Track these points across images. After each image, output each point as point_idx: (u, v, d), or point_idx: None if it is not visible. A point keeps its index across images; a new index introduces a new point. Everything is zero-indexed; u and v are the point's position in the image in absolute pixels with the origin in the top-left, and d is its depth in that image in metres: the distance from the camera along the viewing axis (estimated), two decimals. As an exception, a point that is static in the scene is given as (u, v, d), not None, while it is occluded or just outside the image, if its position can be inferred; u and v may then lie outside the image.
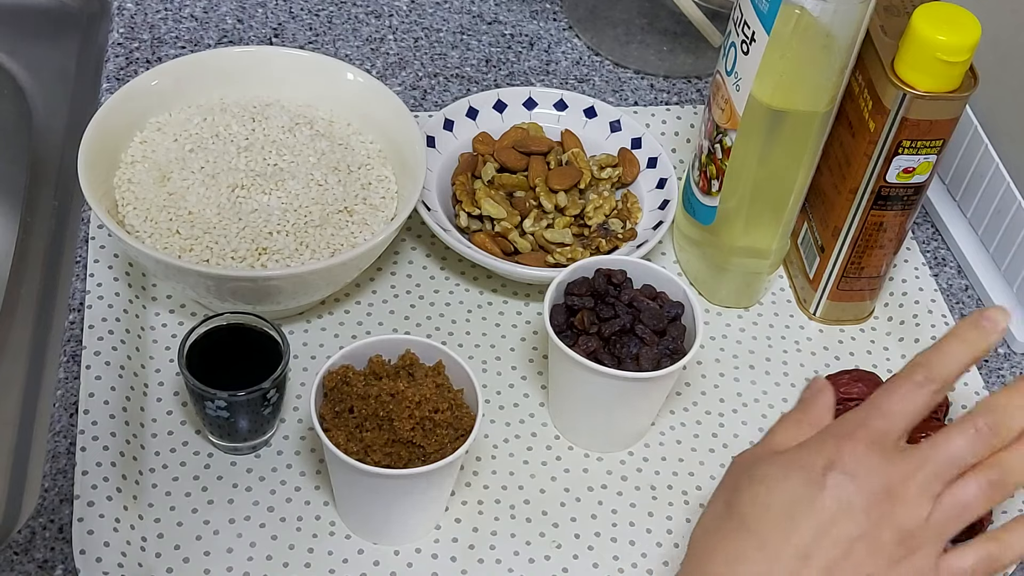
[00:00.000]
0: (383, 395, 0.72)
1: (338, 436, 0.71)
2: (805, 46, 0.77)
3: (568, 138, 0.96)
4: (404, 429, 0.71)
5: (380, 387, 0.72)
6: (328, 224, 0.84)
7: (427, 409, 0.72)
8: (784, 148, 0.82)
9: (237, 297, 0.81)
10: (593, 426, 0.81)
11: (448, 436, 0.72)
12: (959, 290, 0.96)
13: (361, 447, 0.71)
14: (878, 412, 0.62)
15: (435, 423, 0.72)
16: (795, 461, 0.62)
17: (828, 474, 0.61)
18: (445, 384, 0.74)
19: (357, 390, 0.73)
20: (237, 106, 0.90)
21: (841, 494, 0.60)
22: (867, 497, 0.60)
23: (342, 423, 0.72)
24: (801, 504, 0.60)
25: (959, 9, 0.77)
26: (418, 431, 0.71)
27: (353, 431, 0.72)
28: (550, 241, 0.89)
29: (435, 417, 0.72)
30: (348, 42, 1.06)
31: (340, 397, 0.73)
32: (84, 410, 0.79)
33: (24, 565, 0.73)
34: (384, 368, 0.75)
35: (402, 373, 0.74)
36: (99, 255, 0.87)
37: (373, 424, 0.72)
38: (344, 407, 0.72)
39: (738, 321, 0.92)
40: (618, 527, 0.79)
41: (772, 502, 0.61)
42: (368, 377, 0.74)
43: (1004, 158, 0.94)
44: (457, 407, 0.73)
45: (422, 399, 0.72)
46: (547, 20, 1.11)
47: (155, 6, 1.07)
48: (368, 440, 0.71)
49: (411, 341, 0.76)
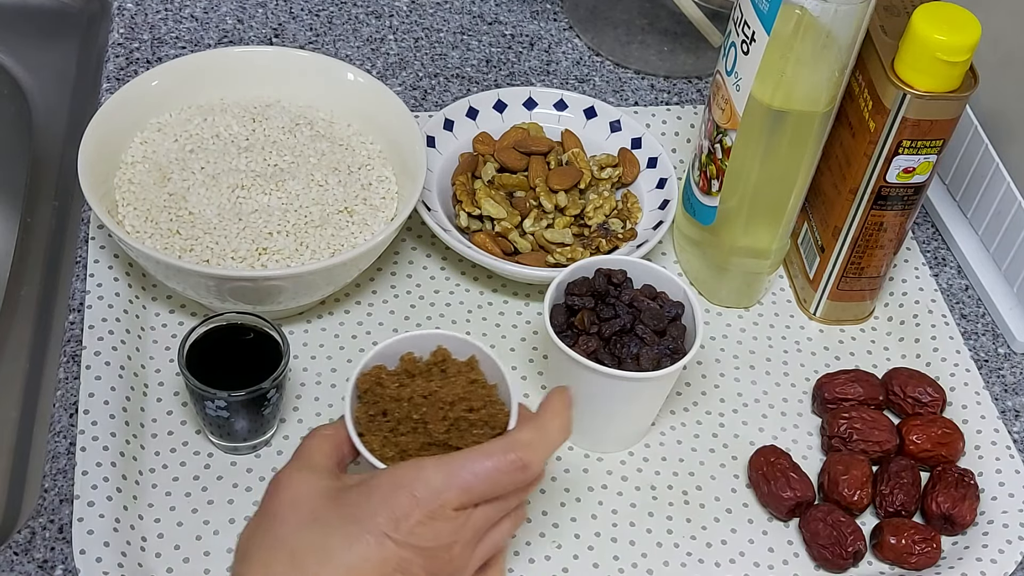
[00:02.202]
0: (416, 397, 0.70)
1: (373, 441, 0.69)
2: (805, 46, 0.77)
3: (568, 138, 0.96)
4: (439, 431, 0.68)
5: (413, 388, 0.70)
6: (328, 224, 0.84)
7: (461, 409, 0.69)
8: (784, 148, 0.82)
9: (237, 297, 0.81)
10: (593, 426, 0.81)
11: (484, 435, 0.69)
12: (959, 290, 0.96)
13: (397, 451, 0.69)
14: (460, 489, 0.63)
15: (470, 423, 0.69)
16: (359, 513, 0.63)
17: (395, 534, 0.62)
18: (479, 380, 0.72)
19: (390, 392, 0.70)
20: (237, 106, 0.90)
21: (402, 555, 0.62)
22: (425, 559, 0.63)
23: (376, 427, 0.69)
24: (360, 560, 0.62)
25: (959, 9, 0.77)
26: (453, 432, 0.69)
27: (388, 435, 0.69)
28: (550, 241, 0.89)
29: (469, 416, 0.69)
30: (348, 42, 1.06)
31: (374, 400, 0.70)
32: (84, 410, 0.79)
33: (24, 565, 0.73)
34: (416, 366, 0.72)
35: (434, 370, 0.72)
36: (99, 255, 0.87)
37: (407, 427, 0.69)
38: (378, 410, 0.70)
39: (738, 321, 0.92)
40: (618, 527, 0.79)
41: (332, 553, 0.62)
42: (401, 376, 0.71)
43: (1004, 158, 0.94)
44: (491, 404, 0.70)
45: (455, 399, 0.69)
46: (547, 20, 1.11)
47: (155, 6, 1.07)
48: (403, 444, 0.69)
49: (443, 336, 0.73)
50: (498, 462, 0.64)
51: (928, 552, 0.78)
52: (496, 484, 0.64)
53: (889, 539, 0.78)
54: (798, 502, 0.79)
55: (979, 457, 0.84)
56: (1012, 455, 0.84)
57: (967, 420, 0.86)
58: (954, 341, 0.91)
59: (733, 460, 0.84)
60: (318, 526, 0.63)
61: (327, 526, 0.63)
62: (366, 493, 0.63)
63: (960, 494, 0.80)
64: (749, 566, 0.79)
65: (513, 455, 0.64)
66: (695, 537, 0.80)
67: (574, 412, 0.81)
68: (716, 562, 0.79)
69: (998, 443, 0.85)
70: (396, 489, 0.63)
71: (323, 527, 0.63)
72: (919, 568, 0.79)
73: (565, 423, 0.68)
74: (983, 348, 0.92)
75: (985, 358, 0.91)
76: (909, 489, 0.81)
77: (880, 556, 0.79)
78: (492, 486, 0.64)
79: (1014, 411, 0.88)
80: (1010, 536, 0.80)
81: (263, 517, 0.65)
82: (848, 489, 0.80)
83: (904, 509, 0.80)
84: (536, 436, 0.66)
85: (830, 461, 0.82)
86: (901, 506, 0.80)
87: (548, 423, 0.67)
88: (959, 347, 0.90)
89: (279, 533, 0.63)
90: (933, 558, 0.78)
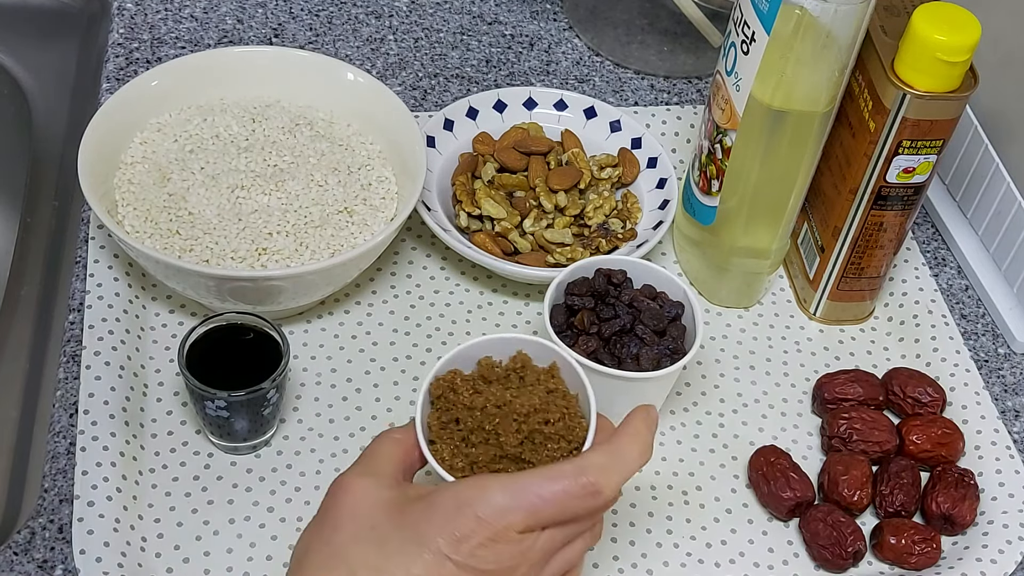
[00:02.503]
0: (489, 406, 0.66)
1: (443, 450, 0.66)
2: (805, 46, 0.77)
3: (568, 138, 0.96)
4: (511, 444, 0.65)
5: (487, 396, 0.67)
6: (328, 225, 0.84)
7: (536, 421, 0.66)
8: (784, 148, 0.82)
9: (237, 297, 0.81)
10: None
11: (561, 450, 0.66)
12: (959, 290, 0.96)
13: (467, 462, 0.66)
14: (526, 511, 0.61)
15: (545, 436, 0.66)
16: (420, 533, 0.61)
17: (455, 555, 0.60)
18: (559, 389, 0.68)
19: (464, 399, 0.67)
20: (237, 106, 0.90)
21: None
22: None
23: (448, 435, 0.67)
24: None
25: (959, 9, 0.77)
26: (527, 445, 0.66)
27: (459, 444, 0.66)
28: (550, 241, 0.89)
29: (545, 429, 0.66)
30: (348, 42, 1.06)
31: (446, 406, 0.67)
32: (84, 410, 0.79)
33: (24, 565, 0.73)
34: (494, 371, 0.69)
35: (512, 376, 0.69)
36: (99, 255, 0.87)
37: (479, 438, 0.66)
38: (450, 418, 0.67)
39: (738, 321, 0.92)
40: (618, 527, 0.79)
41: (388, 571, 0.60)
42: (477, 382, 0.68)
43: (1004, 158, 0.94)
44: (570, 416, 0.67)
45: (531, 410, 0.66)
46: (547, 20, 1.11)
47: (155, 6, 1.07)
48: (474, 456, 0.66)
49: (524, 340, 0.70)
50: (568, 486, 0.61)
51: (928, 552, 0.78)
52: (565, 508, 0.61)
53: (889, 539, 0.78)
54: (798, 502, 0.79)
55: (979, 457, 0.84)
56: (1012, 455, 0.84)
57: (967, 420, 0.86)
58: (954, 341, 0.91)
59: (733, 460, 0.84)
60: (377, 541, 0.61)
61: (387, 543, 0.61)
62: (428, 510, 0.61)
63: (960, 494, 0.80)
64: (749, 566, 0.79)
65: (585, 479, 0.61)
66: (695, 537, 0.80)
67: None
68: (716, 562, 0.79)
69: (998, 443, 0.85)
70: (459, 508, 0.60)
71: (382, 543, 0.61)
72: (919, 568, 0.79)
73: (645, 446, 0.64)
74: (983, 348, 0.92)
75: (985, 358, 0.91)
76: (909, 489, 0.81)
77: (880, 556, 0.79)
78: (561, 510, 0.61)
79: (1014, 411, 0.88)
80: (1010, 536, 0.80)
81: (322, 524, 0.63)
82: (848, 489, 0.80)
83: (904, 509, 0.80)
84: (611, 461, 0.63)
85: (830, 461, 0.82)
86: (901, 506, 0.80)
87: (626, 447, 0.63)
88: (959, 347, 0.90)
89: (336, 544, 0.61)
90: (933, 558, 0.78)
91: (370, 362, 0.86)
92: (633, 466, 0.64)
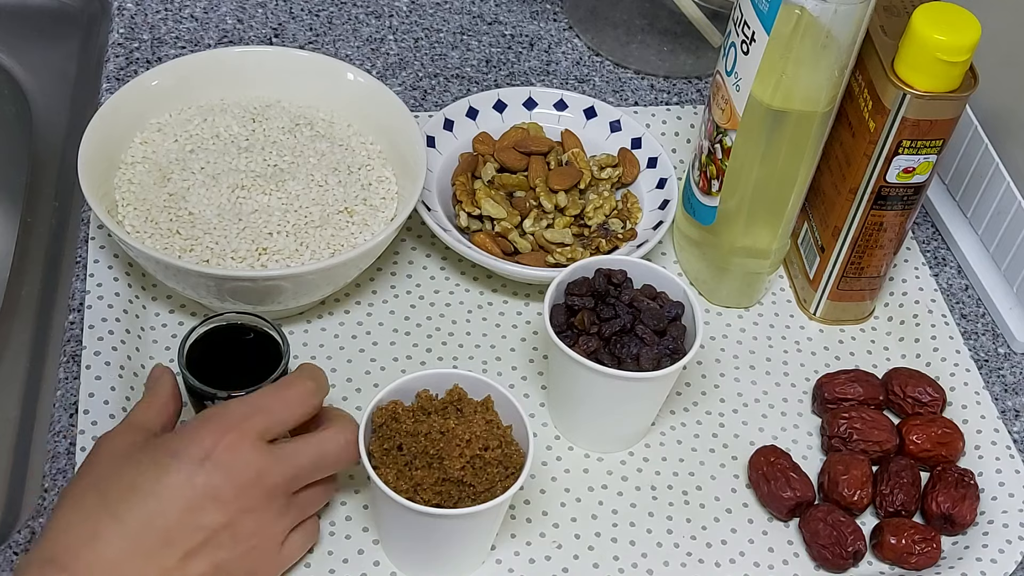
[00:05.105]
0: (433, 433, 0.71)
1: (388, 474, 0.70)
2: (805, 46, 0.77)
3: (568, 138, 0.96)
4: (454, 468, 0.70)
5: (430, 424, 0.71)
6: (328, 225, 0.84)
7: (477, 447, 0.70)
8: (784, 148, 0.82)
9: (237, 297, 0.81)
10: (593, 426, 0.81)
11: (498, 474, 0.71)
12: (959, 290, 0.96)
13: (411, 485, 0.70)
14: (264, 411, 0.69)
15: (485, 461, 0.70)
16: (170, 448, 0.66)
17: (204, 463, 0.65)
18: (494, 420, 0.73)
19: (406, 427, 0.71)
20: (237, 106, 0.90)
21: (212, 483, 0.65)
22: (236, 489, 0.66)
23: (391, 460, 0.71)
24: (170, 490, 0.64)
25: (959, 9, 0.77)
26: (468, 470, 0.70)
27: (403, 468, 0.70)
28: (550, 241, 0.89)
29: (485, 455, 0.71)
30: (348, 42, 1.06)
31: (389, 434, 0.71)
32: (84, 410, 0.79)
33: (24, 565, 0.73)
34: (432, 403, 0.73)
35: (450, 408, 0.73)
36: (99, 255, 0.87)
37: (423, 462, 0.70)
38: (393, 444, 0.71)
39: (738, 321, 0.92)
40: (618, 527, 0.79)
41: (140, 486, 0.64)
42: (417, 413, 0.73)
43: (1004, 158, 0.94)
44: (507, 444, 0.72)
45: (472, 437, 0.71)
46: (547, 20, 1.11)
47: (155, 6, 1.07)
48: (418, 478, 0.70)
49: (459, 376, 0.74)
50: (299, 390, 0.70)
51: (928, 552, 0.78)
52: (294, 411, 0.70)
53: (889, 539, 0.78)
54: (798, 502, 0.79)
55: (979, 457, 0.84)
56: (1012, 455, 0.84)
57: (967, 420, 0.86)
58: (954, 341, 0.91)
59: (733, 460, 0.84)
60: (131, 463, 0.65)
61: (139, 463, 0.65)
62: (177, 432, 0.68)
63: (960, 494, 0.80)
64: (749, 566, 0.79)
65: (311, 383, 0.71)
66: (695, 537, 0.80)
67: (574, 412, 0.82)
68: (716, 562, 0.79)
69: (998, 443, 0.85)
70: (204, 422, 0.67)
71: (135, 464, 0.65)
72: (919, 568, 0.79)
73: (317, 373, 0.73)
74: (983, 348, 0.92)
75: (985, 358, 0.91)
76: (909, 489, 0.81)
77: (880, 556, 0.79)
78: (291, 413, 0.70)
79: (1014, 411, 0.88)
80: (1010, 536, 0.80)
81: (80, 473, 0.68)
82: (848, 489, 0.80)
83: (904, 509, 0.80)
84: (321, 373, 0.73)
85: (830, 461, 0.82)
86: (901, 506, 0.80)
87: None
88: (959, 347, 0.90)
89: (92, 477, 0.66)
90: (933, 558, 0.78)
91: (370, 362, 0.86)
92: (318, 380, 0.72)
